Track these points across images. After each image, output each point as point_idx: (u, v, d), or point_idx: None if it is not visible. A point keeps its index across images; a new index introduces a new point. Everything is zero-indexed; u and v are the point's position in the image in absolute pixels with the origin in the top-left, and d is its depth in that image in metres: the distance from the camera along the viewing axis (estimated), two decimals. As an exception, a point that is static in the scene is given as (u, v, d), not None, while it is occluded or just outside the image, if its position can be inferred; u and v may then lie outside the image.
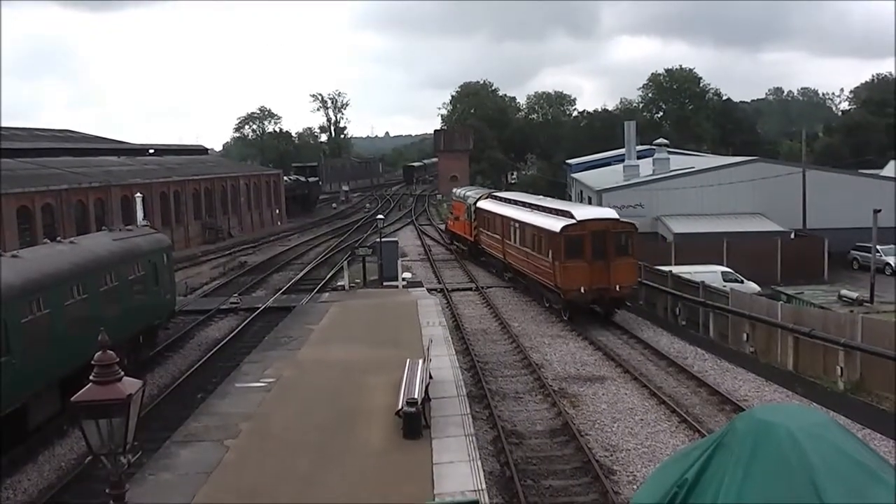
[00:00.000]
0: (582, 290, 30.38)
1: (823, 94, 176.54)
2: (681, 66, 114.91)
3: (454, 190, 61.26)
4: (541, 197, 45.96)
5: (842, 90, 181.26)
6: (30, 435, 18.53)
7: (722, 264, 40.79)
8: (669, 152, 62.50)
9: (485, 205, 45.15)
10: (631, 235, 31.72)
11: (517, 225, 37.46)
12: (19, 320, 17.92)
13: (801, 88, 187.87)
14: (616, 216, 33.18)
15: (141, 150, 73.11)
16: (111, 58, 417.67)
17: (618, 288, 30.58)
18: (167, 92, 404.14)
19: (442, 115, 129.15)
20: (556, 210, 34.87)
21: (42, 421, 18.89)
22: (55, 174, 50.06)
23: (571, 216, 32.24)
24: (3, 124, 68.50)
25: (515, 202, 41.67)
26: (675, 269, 36.41)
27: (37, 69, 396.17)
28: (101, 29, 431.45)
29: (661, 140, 63.56)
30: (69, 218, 47.22)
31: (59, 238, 26.81)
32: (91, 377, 6.63)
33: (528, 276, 36.03)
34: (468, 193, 51.58)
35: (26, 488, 16.74)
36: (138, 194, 47.48)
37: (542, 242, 33.25)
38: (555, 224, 32.26)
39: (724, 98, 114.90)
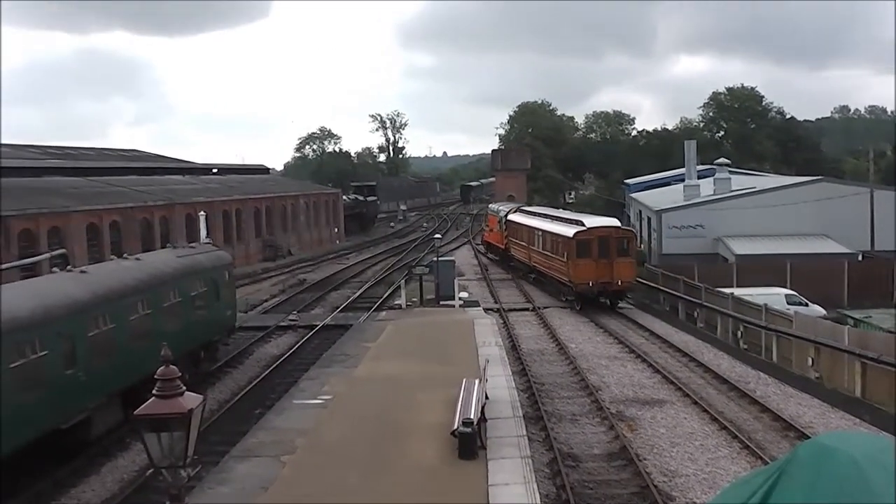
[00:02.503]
0: (590, 284, 37.44)
1: (892, 112, 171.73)
2: (742, 84, 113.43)
3: (489, 206, 70.99)
4: (560, 210, 56.13)
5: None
6: (91, 445, 18.99)
7: (785, 287, 39.85)
8: (730, 172, 61.48)
9: (514, 217, 52.48)
10: (630, 240, 39.39)
11: (539, 233, 44.90)
12: (86, 334, 18.43)
13: (869, 106, 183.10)
14: (618, 224, 41.42)
15: (205, 170, 74.71)
16: (181, 79, 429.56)
17: (619, 282, 37.68)
18: (233, 112, 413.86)
19: (499, 135, 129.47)
20: (569, 220, 42.68)
21: (104, 431, 19.34)
22: (122, 192, 51.50)
23: (582, 224, 39.87)
24: (74, 144, 70.85)
25: (538, 214, 49.46)
26: (737, 292, 35.70)
27: (106, 90, 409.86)
28: (172, 53, 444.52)
29: (721, 159, 62.54)
30: (135, 235, 48.47)
31: (125, 254, 27.58)
32: (153, 391, 6.78)
33: (547, 275, 43.28)
34: (500, 208, 59.42)
35: (89, 499, 17.13)
36: (201, 212, 48.64)
37: (559, 246, 40.51)
38: (568, 231, 39.68)
39: (787, 117, 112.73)
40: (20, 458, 16.31)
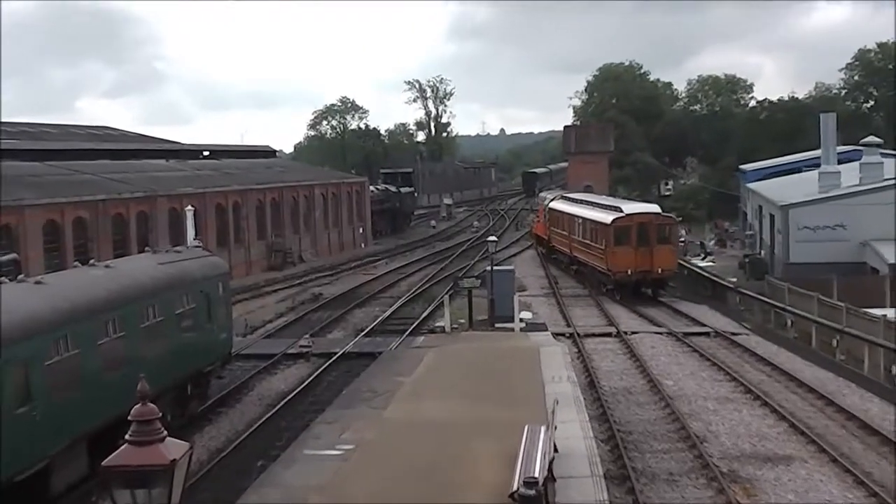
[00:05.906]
0: (628, 272, 45.44)
1: None
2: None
3: (539, 194, 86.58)
4: (602, 196, 66.55)
5: None
6: (53, 502, 19.29)
7: (957, 307, 39.08)
8: (883, 154, 60.48)
9: (555, 205, 61.82)
10: (671, 227, 48.45)
11: (579, 220, 53.67)
12: (43, 362, 18.72)
13: None
14: (658, 210, 50.14)
15: (194, 152, 75.68)
16: (171, 40, 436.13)
17: (660, 270, 45.66)
18: (235, 80, 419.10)
19: (574, 107, 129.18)
20: (608, 206, 52.06)
21: (67, 485, 19.63)
22: (90, 181, 52.43)
23: (621, 210, 48.67)
24: (32, 120, 72.35)
25: (578, 201, 58.65)
26: (892, 313, 35.11)
27: (77, 53, 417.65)
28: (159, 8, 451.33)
29: (871, 139, 61.53)
30: (106, 235, 49.26)
31: (92, 261, 28.04)
32: (127, 436, 6.84)
33: (587, 264, 51.79)
34: (547, 196, 70.15)
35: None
36: (189, 207, 49.17)
37: (597, 233, 48.89)
38: (606, 217, 48.33)
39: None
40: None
